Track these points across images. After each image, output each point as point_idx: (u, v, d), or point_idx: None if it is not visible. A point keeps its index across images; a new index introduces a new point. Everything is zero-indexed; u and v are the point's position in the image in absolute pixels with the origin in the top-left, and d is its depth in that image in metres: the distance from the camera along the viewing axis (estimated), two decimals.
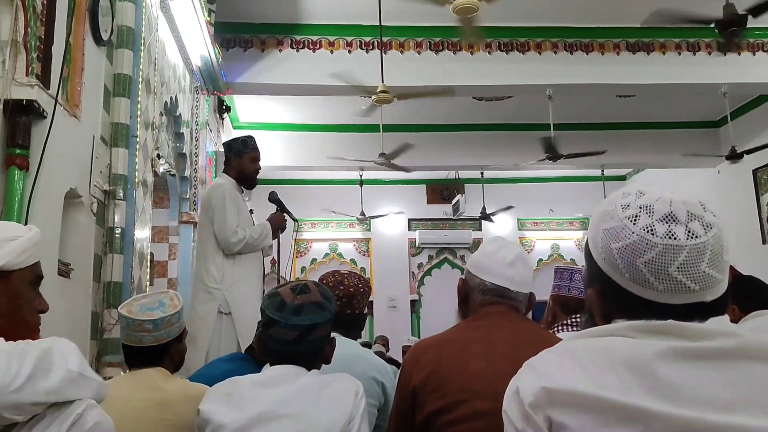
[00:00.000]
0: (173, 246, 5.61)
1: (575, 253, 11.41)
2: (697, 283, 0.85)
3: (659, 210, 0.87)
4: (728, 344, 0.81)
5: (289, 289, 1.67)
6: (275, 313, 1.62)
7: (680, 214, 0.86)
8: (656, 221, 0.87)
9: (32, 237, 1.34)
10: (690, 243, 0.85)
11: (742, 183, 8.50)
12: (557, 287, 2.25)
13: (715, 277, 0.85)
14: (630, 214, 0.89)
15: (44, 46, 2.50)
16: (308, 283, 1.71)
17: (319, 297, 1.67)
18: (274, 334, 1.62)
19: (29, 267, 1.34)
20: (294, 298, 1.63)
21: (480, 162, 9.53)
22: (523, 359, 0.97)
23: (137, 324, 1.99)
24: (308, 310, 1.62)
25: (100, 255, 3.19)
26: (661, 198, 0.88)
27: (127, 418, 1.88)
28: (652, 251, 0.86)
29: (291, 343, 1.61)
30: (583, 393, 0.82)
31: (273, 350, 1.64)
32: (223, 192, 3.55)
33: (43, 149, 2.41)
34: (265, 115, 8.71)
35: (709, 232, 0.86)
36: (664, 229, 0.86)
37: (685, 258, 0.85)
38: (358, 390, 1.61)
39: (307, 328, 1.61)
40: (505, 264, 1.63)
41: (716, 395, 0.78)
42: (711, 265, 0.85)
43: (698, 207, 0.87)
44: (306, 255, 10.95)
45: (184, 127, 5.01)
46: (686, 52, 6.89)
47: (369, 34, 6.60)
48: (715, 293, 0.86)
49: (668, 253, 0.85)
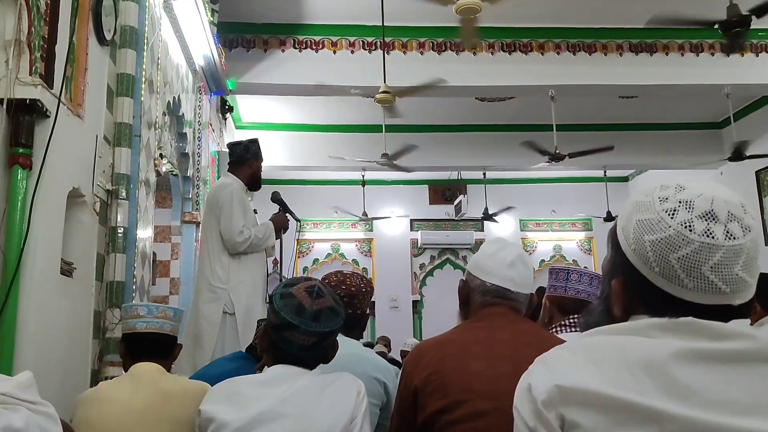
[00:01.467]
0: (175, 246, 5.61)
1: (577, 254, 11.40)
2: (728, 285, 0.83)
3: (700, 207, 0.85)
4: (746, 347, 0.80)
5: (305, 291, 1.64)
6: (294, 317, 1.59)
7: (720, 214, 0.84)
8: (695, 217, 0.84)
9: None
10: (727, 244, 0.83)
11: (744, 184, 8.48)
12: (553, 287, 2.20)
13: (746, 282, 0.84)
14: (668, 207, 0.87)
15: (48, 45, 2.50)
16: (319, 284, 1.69)
17: (332, 302, 1.66)
18: (289, 338, 1.60)
19: None
20: (312, 303, 1.62)
21: (482, 163, 9.52)
22: (524, 360, 0.96)
23: (161, 311, 2.10)
24: (326, 317, 1.62)
25: (102, 254, 3.20)
26: (702, 195, 0.86)
27: (130, 416, 1.89)
28: (688, 248, 0.83)
29: (307, 348, 1.61)
30: (597, 392, 0.81)
31: (284, 352, 1.63)
32: (231, 192, 3.57)
33: (46, 148, 2.42)
34: (267, 115, 8.71)
35: (747, 235, 0.84)
36: (703, 227, 0.84)
37: (721, 258, 0.83)
38: (360, 389, 1.61)
39: (325, 335, 1.62)
40: (506, 265, 1.63)
41: (733, 398, 0.77)
42: (745, 268, 0.84)
43: (739, 208, 0.86)
44: (308, 255, 10.95)
45: (186, 127, 5.01)
46: (689, 53, 6.88)
47: (372, 34, 6.60)
48: (744, 297, 0.85)
49: (704, 252, 0.83)
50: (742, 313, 0.85)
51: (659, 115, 9.05)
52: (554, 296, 2.19)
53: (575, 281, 2.16)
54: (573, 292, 2.15)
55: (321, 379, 1.62)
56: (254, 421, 1.52)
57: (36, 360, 2.33)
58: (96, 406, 1.95)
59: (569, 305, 2.13)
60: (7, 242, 2.25)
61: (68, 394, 2.58)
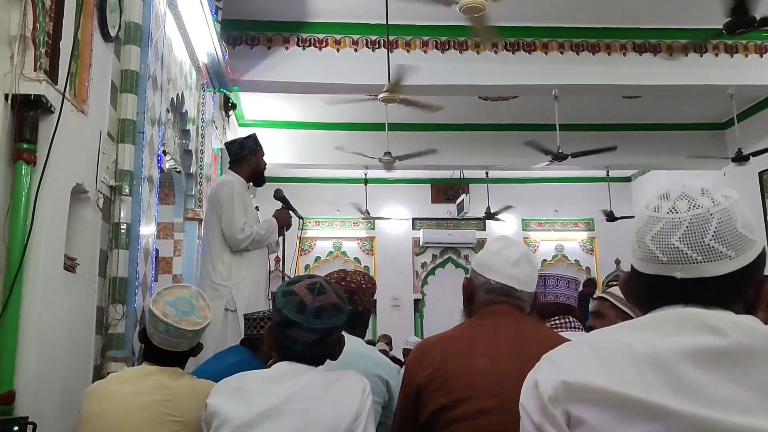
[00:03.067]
0: (178, 242, 5.62)
1: (579, 253, 11.39)
2: (665, 254, 0.88)
3: (664, 190, 0.93)
4: (753, 344, 0.80)
5: (306, 289, 1.64)
6: (295, 315, 1.59)
7: (673, 193, 0.91)
8: (655, 198, 0.93)
9: None
10: (667, 216, 0.89)
11: (747, 185, 8.47)
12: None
13: (686, 254, 0.87)
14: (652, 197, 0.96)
15: (52, 41, 2.50)
16: (321, 281, 1.69)
17: (336, 298, 1.66)
18: (292, 335, 1.60)
19: None
20: (314, 300, 1.61)
21: (485, 162, 9.52)
22: (527, 358, 0.97)
23: (180, 332, 2.01)
24: (328, 313, 1.61)
25: (105, 250, 3.20)
26: (679, 182, 0.94)
27: (132, 412, 1.89)
28: (641, 222, 0.92)
29: (311, 345, 1.60)
30: (603, 388, 0.81)
31: (289, 350, 1.63)
32: (232, 189, 3.58)
33: (51, 144, 2.42)
34: (270, 113, 8.72)
35: (693, 210, 0.88)
36: (655, 204, 0.92)
37: (660, 229, 0.89)
38: (365, 387, 1.60)
39: (328, 332, 1.61)
40: (510, 263, 1.63)
41: (739, 396, 0.77)
42: (683, 240, 0.87)
43: (696, 190, 0.90)
44: (310, 253, 10.96)
45: (190, 124, 5.02)
46: (693, 53, 6.86)
47: (375, 32, 6.59)
48: (686, 272, 0.87)
49: (649, 224, 0.91)
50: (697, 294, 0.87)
51: (662, 116, 9.03)
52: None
53: (552, 286, 2.23)
54: (552, 296, 2.22)
55: (327, 376, 1.62)
56: (259, 416, 1.52)
57: (39, 355, 2.33)
58: (101, 401, 1.95)
59: (550, 309, 2.20)
60: (10, 238, 2.25)
61: (70, 390, 2.59)
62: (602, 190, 10.50)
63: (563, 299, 2.21)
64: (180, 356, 2.09)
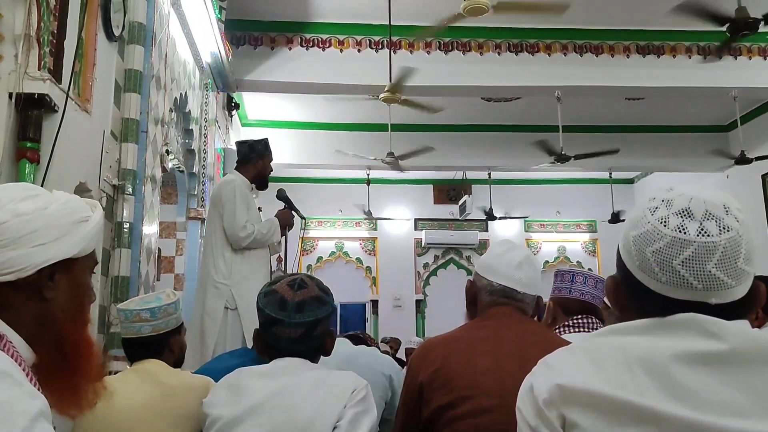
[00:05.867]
0: (180, 242, 5.63)
1: (581, 255, 11.38)
2: (700, 281, 0.84)
3: (677, 204, 0.87)
4: (747, 348, 0.80)
5: (287, 285, 1.64)
6: (277, 312, 1.59)
7: (697, 211, 0.86)
8: (672, 214, 0.87)
9: (100, 218, 1.08)
10: (699, 240, 0.84)
11: (750, 187, 8.46)
12: (558, 290, 2.22)
13: (722, 280, 0.84)
14: (652, 205, 0.90)
15: (56, 40, 2.51)
16: (302, 277, 1.69)
17: (318, 291, 1.65)
18: (277, 333, 1.60)
19: (92, 252, 1.07)
20: (294, 295, 1.61)
21: (487, 163, 9.51)
22: (529, 359, 0.97)
23: (135, 314, 2.01)
24: (310, 306, 1.60)
25: (108, 249, 3.21)
26: (684, 194, 0.88)
27: (133, 410, 1.90)
28: (661, 242, 0.86)
29: (296, 341, 1.60)
30: (596, 392, 0.82)
31: (277, 348, 1.62)
32: (234, 188, 3.58)
33: (54, 143, 2.43)
34: (273, 113, 8.72)
35: (725, 234, 0.84)
36: (677, 223, 0.86)
37: (692, 254, 0.84)
38: (357, 388, 1.56)
39: (312, 325, 1.60)
40: (513, 266, 1.64)
41: (732, 400, 0.77)
42: (719, 267, 0.84)
43: (719, 208, 0.86)
44: (312, 253, 10.97)
45: (193, 124, 5.03)
46: (696, 55, 6.85)
47: (378, 33, 6.60)
48: (721, 297, 0.84)
49: (675, 246, 0.85)
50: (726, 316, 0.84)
51: (666, 118, 9.02)
52: (559, 297, 2.20)
53: (580, 283, 2.18)
54: (578, 293, 2.17)
55: (321, 373, 1.60)
56: (246, 413, 1.52)
57: None
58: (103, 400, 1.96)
59: (574, 306, 2.15)
60: None
61: None
62: (605, 191, 10.48)
63: (588, 298, 2.16)
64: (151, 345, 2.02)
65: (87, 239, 1.02)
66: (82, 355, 1.03)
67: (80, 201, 1.07)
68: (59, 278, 0.98)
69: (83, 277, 1.04)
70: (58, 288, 0.98)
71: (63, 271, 0.99)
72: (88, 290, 1.07)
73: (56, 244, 0.97)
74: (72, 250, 0.99)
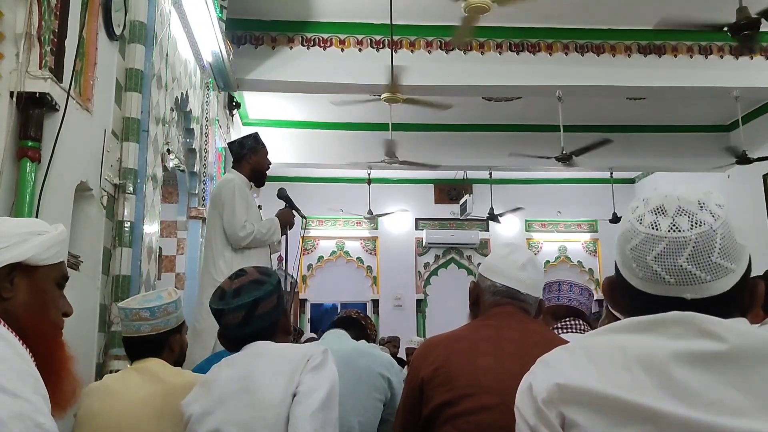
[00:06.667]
0: (181, 241, 5.63)
1: (582, 255, 11.38)
2: (672, 276, 0.85)
3: (653, 202, 0.90)
4: (746, 347, 0.80)
5: (227, 279, 1.72)
6: (218, 303, 1.66)
7: (669, 208, 0.88)
8: (647, 212, 0.89)
9: (59, 234, 1.27)
10: (670, 235, 0.86)
11: (751, 187, 8.45)
12: (547, 300, 2.33)
13: (695, 275, 0.85)
14: (634, 205, 0.93)
15: (58, 39, 2.51)
16: (245, 267, 1.75)
17: (257, 275, 1.70)
18: (223, 322, 1.66)
19: (55, 265, 1.25)
20: (231, 284, 1.68)
21: (488, 162, 9.51)
22: (531, 358, 0.97)
23: (134, 313, 2.02)
24: (247, 289, 1.65)
25: (109, 248, 3.21)
26: (663, 193, 0.90)
27: (134, 409, 1.90)
28: (637, 239, 0.88)
29: (241, 325, 1.64)
30: (595, 391, 0.82)
31: (232, 339, 1.67)
32: (233, 187, 3.58)
33: (55, 142, 2.43)
34: (274, 112, 8.72)
35: (696, 228, 0.85)
36: (651, 220, 0.88)
37: (663, 249, 0.86)
38: (313, 353, 1.57)
39: (251, 305, 1.64)
40: (517, 267, 1.65)
41: (731, 399, 0.77)
42: (691, 261, 0.85)
43: (693, 204, 0.87)
44: (313, 252, 10.97)
45: (194, 123, 5.03)
46: (698, 55, 6.85)
47: (380, 32, 6.59)
48: (696, 292, 0.85)
49: (648, 243, 0.87)
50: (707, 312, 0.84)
51: (667, 117, 9.02)
52: (548, 306, 2.34)
53: (566, 291, 2.36)
54: (565, 300, 2.35)
55: (278, 350, 1.62)
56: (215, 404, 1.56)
57: None
58: (100, 399, 1.96)
59: (561, 312, 2.32)
60: None
61: None
62: (606, 191, 10.48)
63: (575, 304, 2.32)
64: (151, 344, 2.03)
65: (42, 248, 1.19)
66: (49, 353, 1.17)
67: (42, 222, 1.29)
68: (18, 281, 1.16)
69: (46, 285, 1.22)
70: (18, 289, 1.16)
71: (23, 276, 1.17)
72: (51, 298, 1.24)
73: (9, 249, 1.15)
74: (24, 255, 1.16)
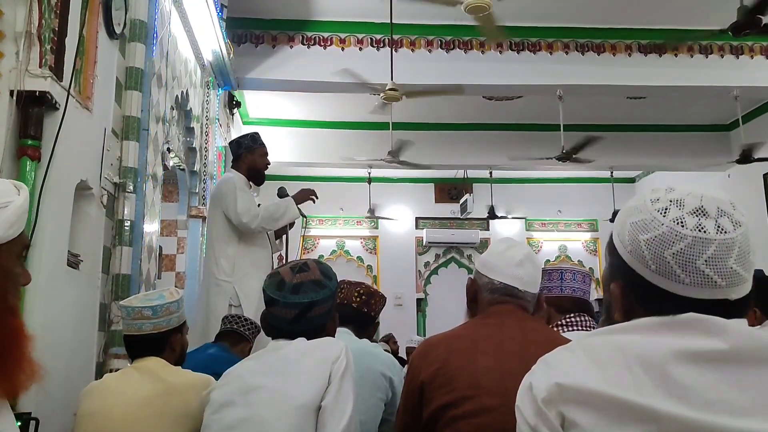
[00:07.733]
0: (182, 240, 5.64)
1: (583, 254, 11.37)
2: (723, 278, 0.84)
3: (690, 204, 0.87)
4: (747, 347, 0.80)
5: (289, 268, 1.69)
6: (275, 292, 1.64)
7: (710, 209, 0.86)
8: (686, 214, 0.86)
9: (24, 202, 1.10)
10: (719, 237, 0.84)
11: (752, 187, 8.44)
12: (547, 289, 2.19)
13: (741, 275, 0.85)
14: (660, 207, 0.89)
15: (58, 38, 2.51)
16: (308, 261, 1.73)
17: (319, 275, 1.68)
18: (274, 313, 1.65)
19: (17, 238, 1.07)
20: (293, 277, 1.65)
21: (489, 162, 9.50)
22: (531, 357, 0.96)
23: (136, 311, 2.02)
24: (307, 288, 1.64)
25: (109, 247, 3.21)
26: (692, 193, 0.88)
27: (134, 407, 1.90)
28: (681, 243, 0.85)
29: (290, 321, 1.63)
30: (595, 391, 0.81)
31: (276, 328, 1.67)
32: (234, 183, 3.63)
33: (55, 141, 2.42)
34: (274, 111, 8.72)
35: (738, 229, 0.86)
36: (694, 222, 0.85)
37: (714, 252, 0.84)
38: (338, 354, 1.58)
39: (306, 306, 1.63)
40: (514, 263, 1.63)
41: (731, 399, 0.77)
42: (738, 262, 0.85)
43: (728, 205, 0.87)
44: (313, 252, 10.96)
45: (194, 122, 5.02)
46: (698, 54, 6.84)
47: (380, 31, 6.59)
48: (740, 292, 0.86)
49: (697, 246, 0.84)
50: (740, 311, 0.86)
51: (667, 117, 9.01)
52: (550, 296, 2.18)
53: (569, 280, 2.19)
54: (569, 290, 2.18)
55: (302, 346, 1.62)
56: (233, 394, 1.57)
57: (42, 351, 2.33)
58: (100, 398, 1.96)
59: (566, 304, 2.15)
60: None
61: (73, 386, 2.59)
62: (606, 190, 10.47)
63: (580, 294, 2.18)
64: (152, 343, 2.03)
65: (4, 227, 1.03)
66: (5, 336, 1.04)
67: (4, 185, 1.09)
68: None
69: (7, 262, 1.05)
70: None
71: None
72: (12, 274, 1.07)
73: None
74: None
